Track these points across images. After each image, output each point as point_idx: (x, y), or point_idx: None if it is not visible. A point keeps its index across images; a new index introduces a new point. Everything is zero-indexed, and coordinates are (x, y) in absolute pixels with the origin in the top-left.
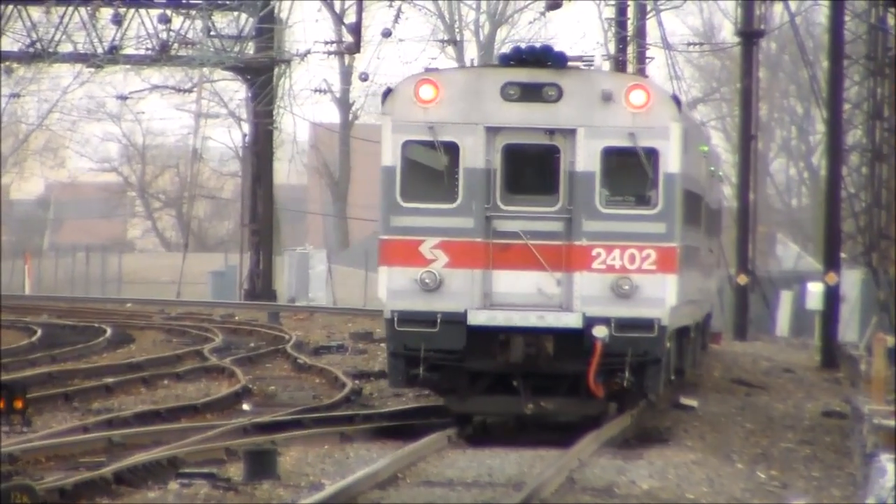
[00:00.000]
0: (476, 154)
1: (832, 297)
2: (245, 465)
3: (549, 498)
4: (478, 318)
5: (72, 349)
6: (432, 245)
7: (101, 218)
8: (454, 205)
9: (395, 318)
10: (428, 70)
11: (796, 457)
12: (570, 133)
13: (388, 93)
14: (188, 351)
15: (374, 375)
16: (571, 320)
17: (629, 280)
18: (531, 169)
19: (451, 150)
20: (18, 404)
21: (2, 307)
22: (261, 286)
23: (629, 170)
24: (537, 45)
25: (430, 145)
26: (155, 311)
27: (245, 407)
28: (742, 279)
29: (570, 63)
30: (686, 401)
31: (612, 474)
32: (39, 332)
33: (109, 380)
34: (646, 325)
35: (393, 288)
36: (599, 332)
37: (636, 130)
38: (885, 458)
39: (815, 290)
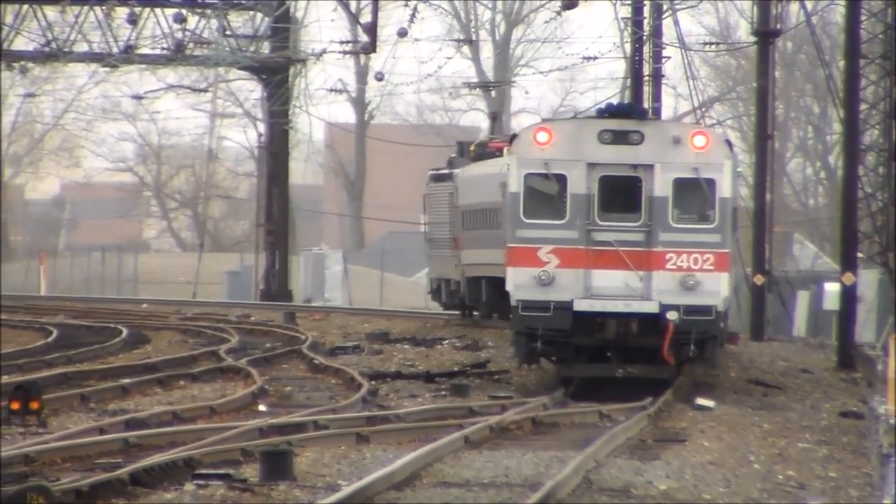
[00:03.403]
0: (579, 183)
1: (849, 297)
2: (261, 466)
3: (565, 499)
4: (581, 305)
5: (88, 350)
6: (547, 251)
7: (117, 218)
8: (563, 221)
9: (520, 306)
10: (544, 120)
11: (813, 457)
12: (650, 167)
13: (513, 137)
14: (204, 352)
15: (391, 376)
16: (650, 307)
17: (693, 277)
18: (620, 194)
19: (561, 180)
20: (34, 405)
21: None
22: (276, 286)
23: (693, 195)
24: (625, 102)
25: (545, 176)
26: (171, 312)
27: (261, 408)
28: (759, 279)
29: (649, 116)
30: (703, 401)
31: (629, 475)
32: (55, 332)
33: (125, 381)
34: (706, 310)
35: (517, 283)
36: (671, 315)
37: (698, 165)
38: None
39: (831, 290)
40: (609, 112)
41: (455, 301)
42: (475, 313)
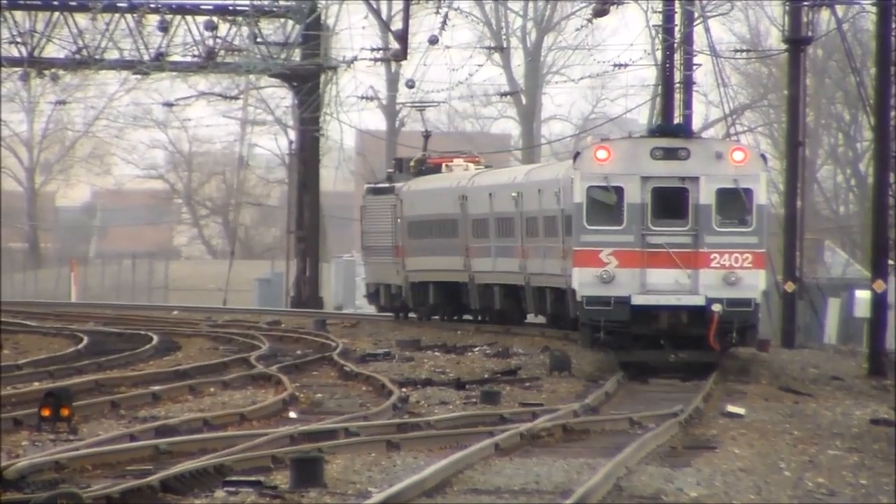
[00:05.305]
0: (635, 193)
1: (880, 304)
2: (292, 473)
3: None
4: (638, 300)
5: (118, 357)
6: (607, 253)
7: (148, 225)
8: (621, 227)
9: (584, 301)
10: (602, 139)
11: (844, 464)
12: (696, 180)
13: (576, 155)
14: (235, 358)
15: (421, 383)
16: (698, 300)
17: (735, 274)
18: (670, 203)
19: (619, 191)
20: (65, 412)
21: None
22: (307, 293)
23: (733, 202)
24: (675, 122)
25: (605, 188)
26: (201, 319)
27: (291, 415)
28: (790, 286)
29: (695, 135)
30: (733, 408)
31: (660, 482)
32: (86, 339)
33: (156, 387)
34: (746, 303)
35: (582, 281)
36: (716, 307)
37: (738, 177)
38: None
39: (862, 297)
40: (660, 131)
41: (395, 304)
42: (411, 315)
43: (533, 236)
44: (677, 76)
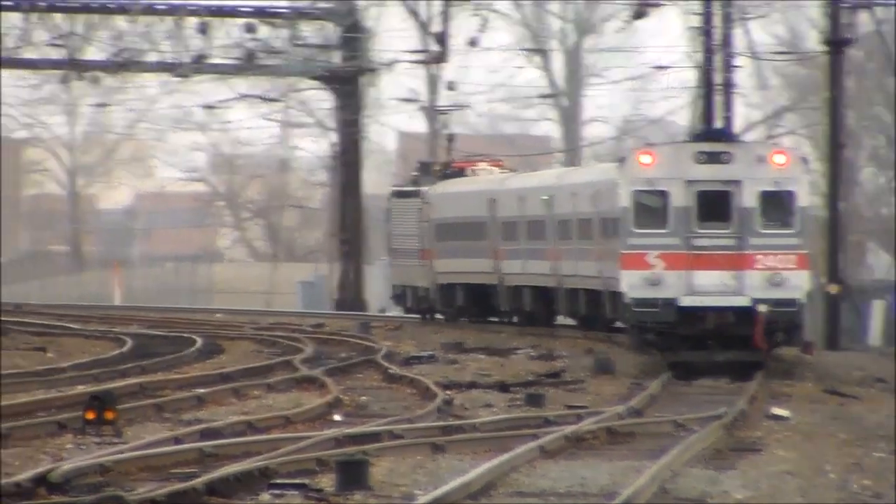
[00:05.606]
0: (679, 197)
1: None
2: (337, 476)
3: None
4: (685, 301)
5: (162, 360)
6: (654, 256)
7: (190, 227)
8: (667, 230)
9: (632, 303)
10: (647, 145)
11: (890, 467)
12: (739, 183)
13: (622, 160)
14: (279, 361)
15: (465, 386)
16: (744, 301)
17: (779, 275)
18: (715, 206)
19: (664, 195)
20: (109, 415)
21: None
22: (351, 296)
23: (776, 205)
24: (717, 126)
25: (650, 192)
26: (245, 322)
27: (336, 417)
28: (833, 289)
29: (737, 139)
30: (778, 411)
31: (705, 484)
32: (129, 342)
33: (200, 390)
34: (791, 303)
35: (630, 283)
36: (762, 308)
37: (780, 180)
38: None
39: None
40: (703, 136)
41: (422, 306)
42: (437, 316)
43: (566, 239)
44: (717, 78)
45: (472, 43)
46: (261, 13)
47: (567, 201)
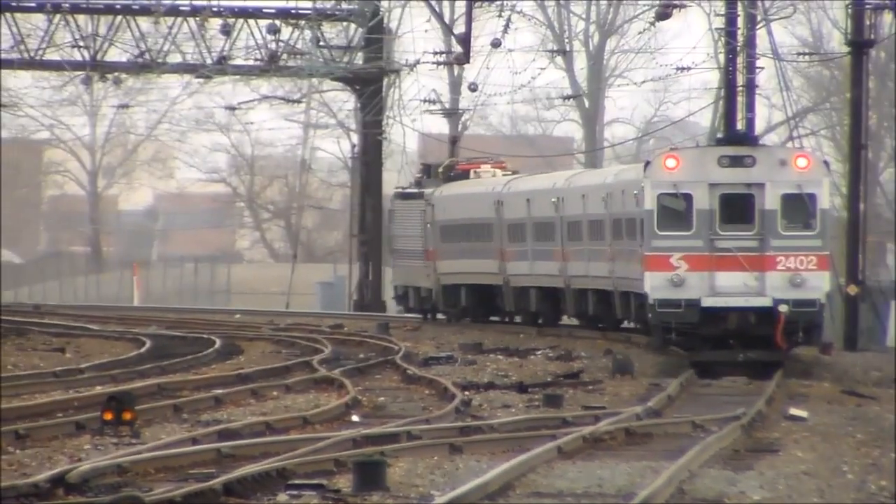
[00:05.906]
0: (703, 200)
1: None
2: (354, 477)
3: None
4: (708, 302)
5: (181, 360)
6: (677, 257)
7: (210, 228)
8: (690, 232)
9: (656, 303)
10: (671, 149)
11: None
12: (761, 186)
13: (647, 164)
14: (297, 362)
15: (483, 387)
16: (765, 302)
17: (800, 276)
18: (737, 208)
19: (688, 198)
20: (128, 415)
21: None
22: (370, 297)
23: (798, 207)
24: (739, 129)
25: (674, 195)
26: (263, 322)
27: (354, 418)
28: (852, 289)
29: (760, 142)
30: (796, 411)
31: (723, 485)
32: (148, 343)
33: (218, 391)
34: (811, 303)
35: (653, 284)
36: (783, 308)
37: (802, 183)
38: None
39: None
40: (726, 140)
41: (424, 306)
42: (439, 316)
43: (575, 240)
44: (740, 79)
45: (495, 44)
46: (284, 14)
47: (577, 203)
